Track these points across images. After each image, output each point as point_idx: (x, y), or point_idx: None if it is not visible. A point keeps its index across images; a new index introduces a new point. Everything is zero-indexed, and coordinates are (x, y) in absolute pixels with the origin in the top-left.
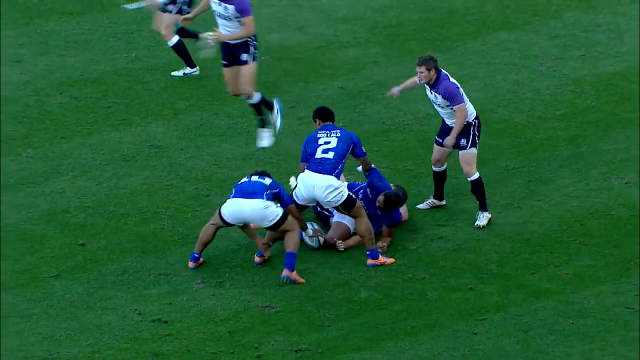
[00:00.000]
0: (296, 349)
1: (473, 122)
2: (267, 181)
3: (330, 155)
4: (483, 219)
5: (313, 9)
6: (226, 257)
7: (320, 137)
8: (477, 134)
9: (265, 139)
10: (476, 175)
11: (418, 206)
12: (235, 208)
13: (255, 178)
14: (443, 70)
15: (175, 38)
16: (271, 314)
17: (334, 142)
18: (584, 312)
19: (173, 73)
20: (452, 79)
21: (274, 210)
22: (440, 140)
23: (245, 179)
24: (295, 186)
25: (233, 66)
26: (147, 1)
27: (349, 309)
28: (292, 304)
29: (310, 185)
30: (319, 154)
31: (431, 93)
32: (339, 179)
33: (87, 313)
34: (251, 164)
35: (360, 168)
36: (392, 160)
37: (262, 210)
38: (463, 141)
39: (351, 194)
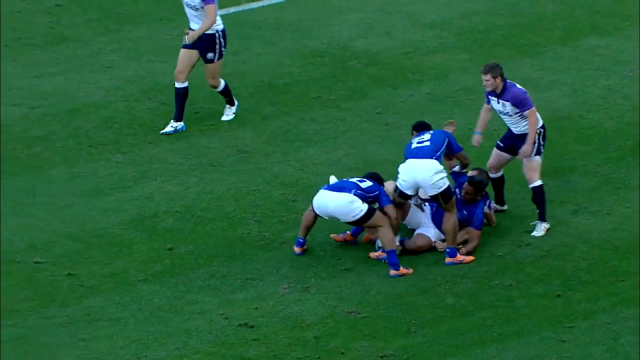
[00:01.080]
0: (382, 355)
1: (538, 131)
2: (365, 184)
3: (427, 143)
4: (541, 229)
5: (400, 14)
6: (312, 263)
7: (411, 141)
8: (542, 143)
9: (227, 115)
10: (538, 182)
11: None
12: (321, 200)
13: (353, 180)
14: (508, 80)
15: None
16: (357, 319)
17: (427, 137)
18: None
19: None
20: (518, 85)
21: (359, 206)
22: (502, 145)
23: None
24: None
25: (193, 49)
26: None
27: (434, 315)
28: (378, 309)
29: (413, 170)
30: (413, 145)
31: (498, 102)
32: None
33: (174, 317)
34: (337, 169)
35: (457, 168)
36: (479, 166)
37: (346, 205)
38: None
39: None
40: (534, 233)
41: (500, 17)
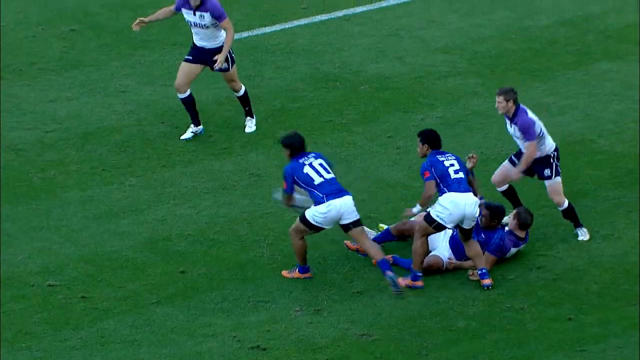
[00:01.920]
0: None
1: (552, 154)
2: (329, 169)
3: (462, 175)
4: (585, 233)
5: (412, 39)
6: (323, 285)
7: (442, 160)
8: (557, 163)
9: (249, 127)
10: (566, 203)
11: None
12: (333, 209)
13: (321, 170)
14: (522, 105)
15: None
16: (369, 342)
17: (456, 164)
18: None
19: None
20: (530, 114)
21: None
22: (516, 160)
23: (314, 175)
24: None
25: (197, 64)
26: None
27: (446, 338)
28: (390, 332)
29: (462, 204)
30: (452, 175)
31: (510, 126)
32: None
33: (187, 340)
34: None
35: None
36: (491, 191)
37: (352, 204)
38: (547, 171)
39: None
40: (580, 237)
41: (512, 42)
